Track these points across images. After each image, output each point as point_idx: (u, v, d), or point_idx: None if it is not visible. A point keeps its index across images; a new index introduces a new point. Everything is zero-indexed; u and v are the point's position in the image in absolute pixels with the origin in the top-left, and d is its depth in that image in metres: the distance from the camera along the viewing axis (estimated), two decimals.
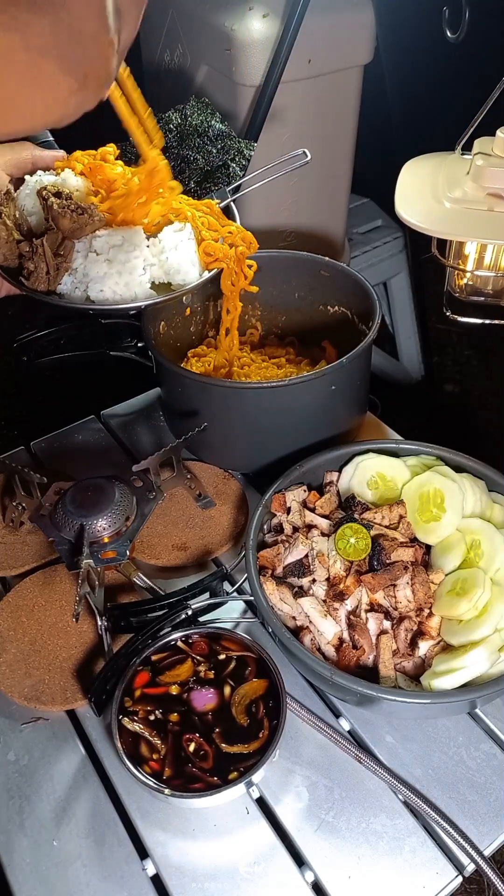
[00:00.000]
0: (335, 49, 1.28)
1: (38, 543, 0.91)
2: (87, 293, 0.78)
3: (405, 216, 0.83)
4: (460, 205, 0.82)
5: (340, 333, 1.06)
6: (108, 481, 0.85)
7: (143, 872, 0.65)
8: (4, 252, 0.76)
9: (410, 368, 2.17)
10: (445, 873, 0.65)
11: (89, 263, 0.78)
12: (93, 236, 0.78)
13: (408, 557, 0.76)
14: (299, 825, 0.68)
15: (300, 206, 1.43)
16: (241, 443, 0.98)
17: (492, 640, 0.70)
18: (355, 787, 0.70)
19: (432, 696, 0.67)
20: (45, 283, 0.77)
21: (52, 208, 0.75)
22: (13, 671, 0.78)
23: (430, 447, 0.87)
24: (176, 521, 0.93)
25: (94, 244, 0.78)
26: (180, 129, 0.90)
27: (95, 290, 0.78)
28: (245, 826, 0.68)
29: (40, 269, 0.76)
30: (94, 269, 0.77)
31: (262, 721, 0.68)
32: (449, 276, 0.95)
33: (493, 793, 0.70)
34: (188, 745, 0.67)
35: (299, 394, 0.89)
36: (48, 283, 0.77)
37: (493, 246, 0.89)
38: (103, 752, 0.73)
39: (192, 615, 0.78)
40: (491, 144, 0.83)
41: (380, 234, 1.94)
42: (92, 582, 0.78)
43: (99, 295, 0.78)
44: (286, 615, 0.76)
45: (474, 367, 2.28)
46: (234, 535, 0.91)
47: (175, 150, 0.90)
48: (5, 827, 0.69)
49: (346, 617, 0.74)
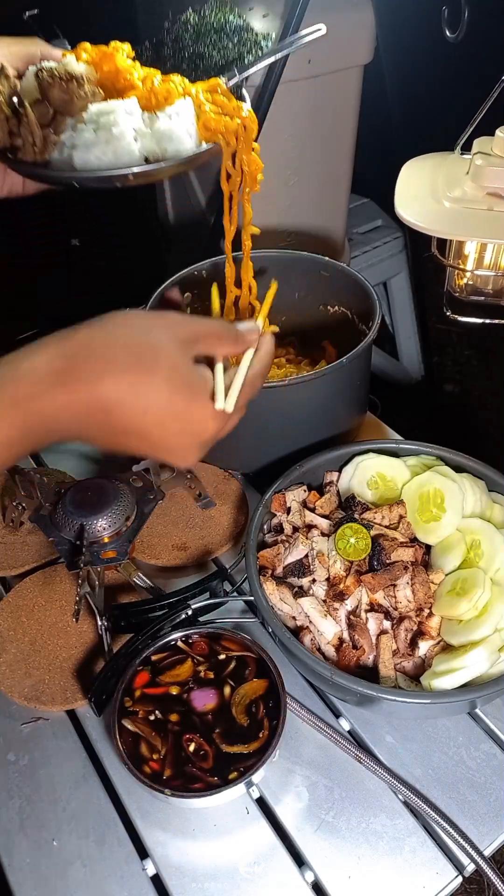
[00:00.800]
0: (335, 49, 1.28)
1: (38, 543, 0.91)
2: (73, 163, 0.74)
3: (405, 216, 0.83)
4: (460, 204, 0.82)
5: (340, 333, 1.06)
6: (108, 481, 0.85)
7: (143, 872, 0.65)
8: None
9: (410, 368, 2.17)
10: (445, 873, 0.65)
11: (76, 133, 0.74)
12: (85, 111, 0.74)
13: (408, 557, 0.76)
14: (299, 825, 0.68)
15: (300, 206, 1.44)
16: (241, 443, 0.97)
17: (492, 640, 0.70)
18: (355, 787, 0.70)
19: (432, 696, 0.67)
20: (31, 154, 0.73)
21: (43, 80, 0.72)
22: (13, 671, 0.78)
23: (430, 447, 0.87)
24: (176, 521, 0.93)
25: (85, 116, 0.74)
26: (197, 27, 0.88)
27: (81, 158, 0.73)
28: (245, 826, 0.68)
29: (27, 139, 0.72)
30: (81, 137, 0.73)
31: (262, 721, 0.68)
32: (449, 276, 0.95)
33: (493, 793, 0.70)
34: (188, 746, 0.67)
35: (300, 394, 0.89)
36: (34, 153, 0.73)
37: (492, 245, 0.89)
38: (103, 752, 0.73)
39: (192, 615, 0.78)
40: (490, 144, 0.83)
41: (380, 234, 1.94)
42: (92, 582, 0.78)
43: (84, 163, 0.73)
44: (286, 615, 0.76)
45: (474, 367, 2.28)
46: (234, 535, 0.91)
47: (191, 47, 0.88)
48: (5, 827, 0.69)
49: (346, 617, 0.74)
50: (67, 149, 0.74)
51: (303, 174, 1.41)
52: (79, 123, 0.74)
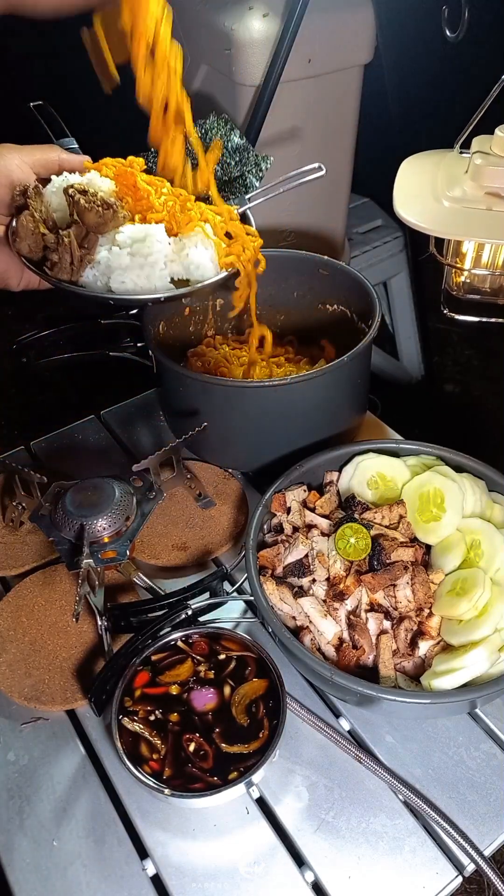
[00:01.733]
0: (335, 49, 1.28)
1: (38, 543, 0.91)
2: (108, 284, 0.81)
3: (403, 214, 0.83)
4: (459, 204, 0.82)
5: (339, 332, 1.06)
6: (108, 481, 0.85)
7: (143, 872, 0.65)
8: (30, 243, 0.79)
9: (410, 368, 2.17)
10: (445, 873, 0.65)
11: (112, 256, 0.80)
12: (116, 231, 0.81)
13: (408, 557, 0.76)
14: (299, 825, 0.68)
15: (300, 205, 1.43)
16: (241, 442, 0.98)
17: (492, 640, 0.70)
18: (355, 787, 0.70)
19: (432, 696, 0.67)
20: (68, 273, 0.80)
21: (79, 203, 0.78)
22: (13, 671, 0.78)
23: (430, 447, 0.87)
24: (176, 521, 0.93)
25: (118, 238, 0.81)
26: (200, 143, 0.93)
27: (117, 280, 0.80)
28: (245, 826, 0.68)
29: (64, 259, 0.78)
30: (117, 261, 0.80)
31: (262, 721, 0.68)
32: (447, 275, 0.95)
33: (493, 793, 0.70)
34: (188, 745, 0.67)
35: (300, 392, 0.89)
36: (71, 273, 0.80)
37: (490, 244, 0.89)
38: (103, 752, 0.73)
39: (192, 615, 0.78)
40: (489, 143, 0.83)
41: (380, 234, 1.94)
42: (92, 582, 0.78)
43: (120, 286, 0.80)
44: (286, 615, 0.76)
45: (474, 367, 2.29)
46: (234, 535, 0.91)
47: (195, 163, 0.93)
48: (5, 827, 0.69)
49: (346, 617, 0.74)
50: (102, 269, 0.81)
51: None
52: (113, 246, 0.81)
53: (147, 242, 0.80)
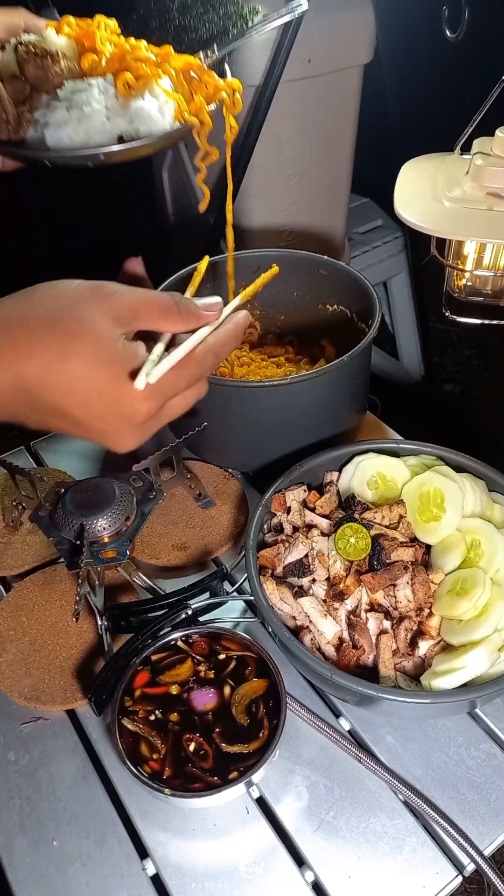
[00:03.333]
0: (335, 49, 1.28)
1: (38, 543, 0.91)
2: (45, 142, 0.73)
3: (404, 215, 0.83)
4: (460, 204, 0.82)
5: (339, 332, 1.06)
6: (108, 481, 0.85)
7: (143, 872, 0.65)
8: None
9: (410, 368, 2.17)
10: (445, 873, 0.65)
11: (49, 110, 0.73)
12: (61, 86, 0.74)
13: (408, 557, 0.76)
14: (299, 825, 0.68)
15: (300, 205, 1.44)
16: (241, 442, 0.98)
17: (492, 639, 0.70)
18: (355, 787, 0.70)
19: (432, 696, 0.67)
20: (5, 132, 0.72)
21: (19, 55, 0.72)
22: (13, 671, 0.78)
23: (430, 447, 0.87)
24: (176, 520, 0.93)
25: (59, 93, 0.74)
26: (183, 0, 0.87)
27: (53, 136, 0.72)
28: (245, 826, 0.68)
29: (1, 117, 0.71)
30: (54, 116, 0.73)
31: (262, 721, 0.68)
32: (448, 277, 0.95)
33: (493, 793, 0.70)
34: (188, 745, 0.67)
35: (300, 392, 0.89)
36: (9, 131, 0.72)
37: (492, 245, 0.89)
38: (103, 752, 0.73)
39: (192, 615, 0.78)
40: (490, 144, 0.83)
41: (380, 234, 1.94)
42: (92, 582, 0.78)
43: (56, 142, 0.72)
44: (286, 615, 0.76)
45: (474, 367, 2.29)
46: (234, 535, 0.91)
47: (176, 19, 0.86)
48: (5, 827, 0.69)
49: (346, 617, 0.74)
50: (41, 127, 0.73)
51: (303, 174, 1.41)
52: (53, 101, 0.73)
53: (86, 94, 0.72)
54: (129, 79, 0.74)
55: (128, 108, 0.73)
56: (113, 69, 0.75)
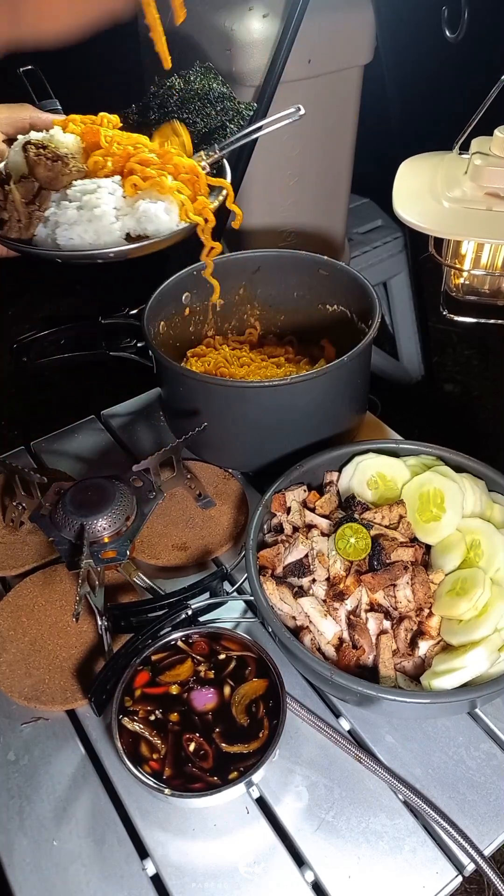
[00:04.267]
0: (335, 49, 1.28)
1: (38, 543, 0.91)
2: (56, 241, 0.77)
3: (403, 215, 0.83)
4: (459, 204, 0.82)
5: (339, 332, 1.06)
6: (108, 481, 0.85)
7: (143, 872, 0.65)
8: None
9: (410, 368, 2.17)
10: (445, 873, 0.65)
11: (59, 210, 0.76)
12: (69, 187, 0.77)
13: (408, 557, 0.76)
14: (299, 825, 0.68)
15: (300, 206, 1.44)
16: (241, 442, 0.98)
17: (492, 639, 0.70)
18: (355, 787, 0.70)
19: (432, 696, 0.67)
20: (17, 231, 0.76)
21: (29, 157, 0.75)
22: (13, 671, 0.78)
23: (430, 447, 0.87)
24: (176, 521, 0.93)
25: (69, 193, 0.77)
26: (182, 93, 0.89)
27: (64, 236, 0.76)
28: (245, 826, 0.68)
29: (12, 217, 0.75)
30: (64, 215, 0.76)
31: (262, 721, 0.68)
32: (446, 276, 0.95)
33: (493, 793, 0.70)
34: (188, 745, 0.67)
35: (300, 392, 0.89)
36: (20, 230, 0.76)
37: (489, 245, 0.89)
38: (103, 752, 0.73)
39: (192, 615, 0.78)
40: (489, 144, 0.83)
41: (380, 234, 1.94)
42: (92, 582, 0.78)
43: (67, 242, 0.76)
44: (286, 615, 0.76)
45: (474, 366, 2.29)
46: (234, 535, 0.91)
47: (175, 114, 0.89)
48: (5, 827, 0.69)
49: (346, 617, 0.74)
50: (51, 225, 0.76)
51: (303, 174, 1.41)
52: (63, 200, 0.76)
53: (96, 195, 0.76)
54: (138, 181, 0.78)
55: (135, 207, 0.77)
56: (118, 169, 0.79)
